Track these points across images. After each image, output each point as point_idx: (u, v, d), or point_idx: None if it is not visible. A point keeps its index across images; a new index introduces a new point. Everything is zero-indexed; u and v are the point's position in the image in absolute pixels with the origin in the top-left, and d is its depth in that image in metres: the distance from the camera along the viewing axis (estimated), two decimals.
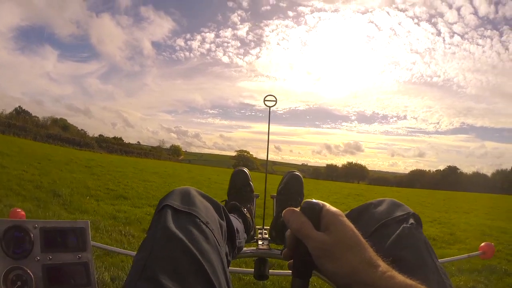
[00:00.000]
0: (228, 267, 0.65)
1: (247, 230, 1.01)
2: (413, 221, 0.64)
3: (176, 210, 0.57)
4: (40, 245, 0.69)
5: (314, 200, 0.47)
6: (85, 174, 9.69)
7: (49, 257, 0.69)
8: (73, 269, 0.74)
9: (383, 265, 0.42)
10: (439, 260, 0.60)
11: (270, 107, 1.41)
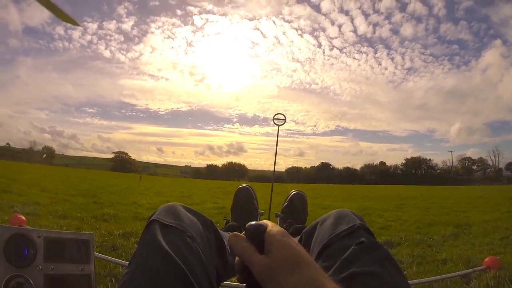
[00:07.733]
0: (219, 281, 0.66)
1: None
2: (363, 238, 0.59)
3: (163, 224, 0.59)
4: (43, 254, 0.70)
5: (257, 222, 0.46)
6: None
7: (51, 267, 0.70)
8: (75, 281, 0.74)
9: (330, 286, 0.40)
10: (446, 275, 0.56)
11: (279, 125, 1.41)
